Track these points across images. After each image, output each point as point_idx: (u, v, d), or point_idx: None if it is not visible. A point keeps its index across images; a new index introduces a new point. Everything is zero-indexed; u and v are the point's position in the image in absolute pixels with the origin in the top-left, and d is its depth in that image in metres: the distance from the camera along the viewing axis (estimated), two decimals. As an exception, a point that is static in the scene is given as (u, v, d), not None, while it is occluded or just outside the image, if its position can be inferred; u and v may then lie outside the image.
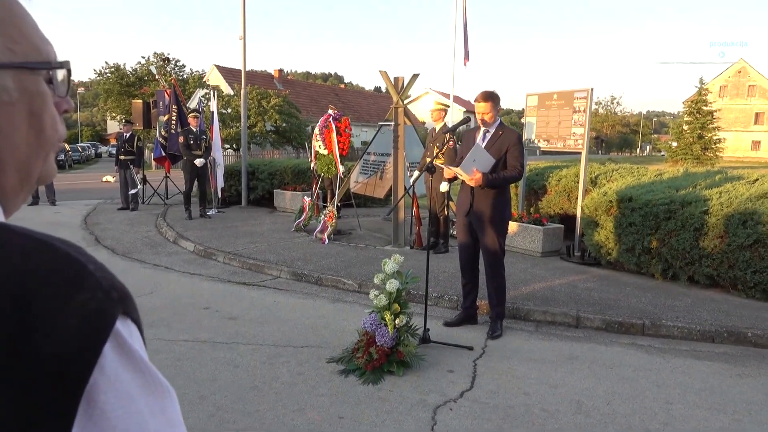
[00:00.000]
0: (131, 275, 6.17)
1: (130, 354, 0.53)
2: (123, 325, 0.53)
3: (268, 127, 28.25)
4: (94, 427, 0.50)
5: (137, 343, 0.55)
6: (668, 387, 3.57)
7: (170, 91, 10.81)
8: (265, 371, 3.68)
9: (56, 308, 0.49)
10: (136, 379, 0.54)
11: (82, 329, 0.49)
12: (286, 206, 10.32)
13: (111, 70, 37.61)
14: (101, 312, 0.51)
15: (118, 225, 9.44)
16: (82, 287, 0.51)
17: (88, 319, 0.50)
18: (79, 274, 0.52)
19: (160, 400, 0.57)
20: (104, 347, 0.50)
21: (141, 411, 0.54)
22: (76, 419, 0.49)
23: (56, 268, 0.51)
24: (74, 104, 44.08)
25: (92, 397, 0.49)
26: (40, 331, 0.47)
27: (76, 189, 16.66)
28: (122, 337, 0.52)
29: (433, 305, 5.22)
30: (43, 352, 0.47)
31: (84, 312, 0.50)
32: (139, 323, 0.59)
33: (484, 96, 4.30)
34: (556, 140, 7.52)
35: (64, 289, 0.50)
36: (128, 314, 0.54)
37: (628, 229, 6.03)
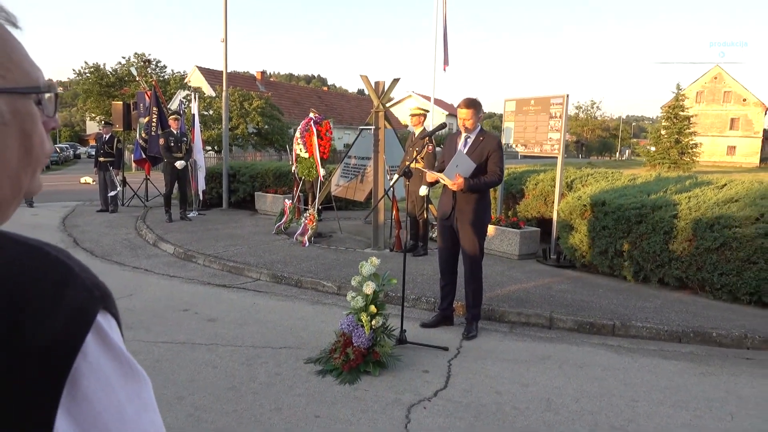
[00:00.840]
0: (110, 277, 6.16)
1: (110, 344, 0.61)
2: (104, 319, 0.61)
3: (250, 129, 28.16)
4: (78, 408, 0.58)
5: (116, 335, 0.63)
6: (635, 385, 3.70)
7: (151, 92, 10.77)
8: (244, 372, 3.73)
9: (46, 305, 0.57)
10: (115, 366, 0.61)
11: (68, 322, 0.57)
12: (268, 209, 10.34)
13: (91, 70, 37.17)
14: (85, 308, 0.59)
15: (97, 227, 9.38)
16: (69, 287, 0.59)
17: (73, 314, 0.57)
18: (67, 275, 0.60)
19: (136, 386, 0.65)
20: (87, 337, 0.58)
21: (119, 395, 0.61)
22: (62, 399, 0.56)
23: (47, 270, 0.59)
24: (53, 104, 43.95)
25: (76, 381, 0.57)
26: (32, 323, 0.55)
27: (55, 190, 16.45)
28: (103, 329, 0.60)
29: (411, 307, 5.31)
30: (34, 341, 0.55)
31: (70, 308, 0.58)
32: (118, 318, 0.66)
33: (466, 103, 4.43)
34: (533, 145, 7.67)
35: (53, 289, 0.58)
36: (108, 310, 0.62)
37: (601, 232, 6.19)
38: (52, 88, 0.69)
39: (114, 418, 0.60)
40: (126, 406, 0.62)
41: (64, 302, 0.57)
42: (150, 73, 12.07)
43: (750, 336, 4.50)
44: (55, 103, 0.70)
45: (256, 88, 36.33)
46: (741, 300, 5.35)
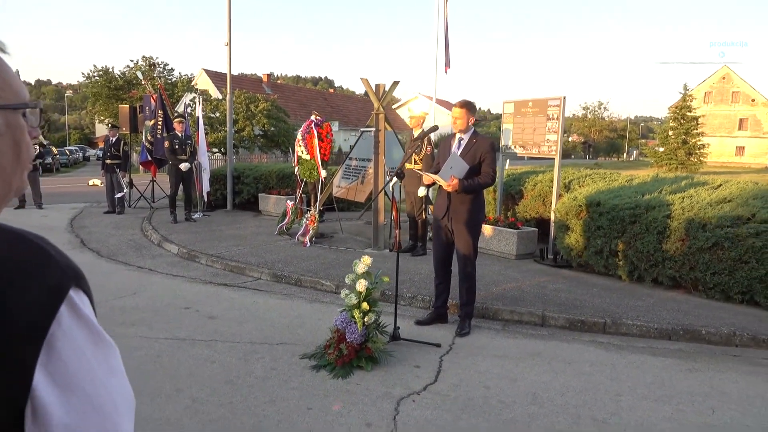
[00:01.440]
0: (116, 277, 6.32)
1: (81, 315, 0.73)
2: (76, 294, 0.73)
3: (256, 131, 28.36)
4: (54, 366, 0.70)
5: (88, 309, 0.76)
6: (621, 381, 3.80)
7: (156, 96, 10.96)
8: (241, 367, 3.86)
9: (27, 282, 0.70)
10: (86, 334, 0.74)
11: (45, 296, 0.70)
12: (271, 210, 10.49)
13: (99, 73, 37.60)
14: (59, 284, 0.72)
15: (104, 228, 9.56)
16: (46, 267, 0.72)
17: (49, 289, 0.70)
18: (44, 258, 0.73)
19: (105, 352, 0.78)
20: (61, 308, 0.70)
21: (89, 359, 0.74)
22: (40, 359, 0.69)
23: (28, 254, 0.72)
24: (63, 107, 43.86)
25: (52, 344, 0.70)
26: (15, 297, 0.68)
27: (64, 192, 16.71)
28: (75, 302, 0.73)
29: (407, 305, 5.43)
30: (16, 311, 0.68)
31: (47, 284, 0.70)
32: (91, 296, 0.79)
33: (460, 103, 4.58)
34: (531, 146, 7.77)
35: (33, 269, 0.71)
36: (81, 287, 0.75)
37: (596, 232, 6.28)
38: (37, 104, 0.82)
39: (85, 376, 0.73)
40: (96, 368, 0.75)
41: (42, 280, 0.70)
42: (156, 76, 12.22)
43: (739, 334, 4.58)
44: (39, 116, 0.83)
45: (262, 91, 36.61)
46: (733, 299, 5.42)
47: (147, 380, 3.62)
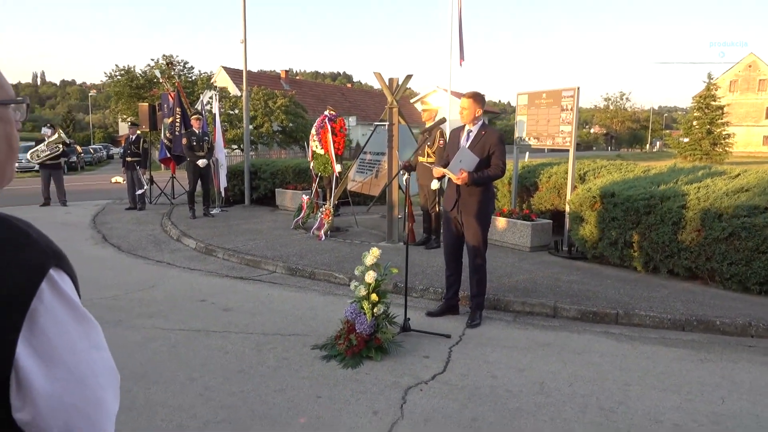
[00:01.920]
0: (135, 271, 6.48)
1: (62, 293, 0.79)
2: (56, 273, 0.79)
3: (274, 127, 28.59)
4: (37, 340, 0.76)
5: (69, 288, 0.81)
6: (630, 371, 3.79)
7: (174, 93, 11.14)
8: (253, 357, 3.95)
9: (10, 260, 0.75)
10: (67, 310, 0.80)
11: (26, 273, 0.76)
12: (287, 205, 10.61)
13: (121, 72, 38.20)
14: (40, 263, 0.78)
15: (125, 224, 9.78)
16: (27, 248, 0.78)
17: (30, 268, 0.76)
18: (25, 239, 0.78)
19: (86, 328, 0.83)
20: (41, 285, 0.76)
21: (70, 333, 0.80)
22: (23, 332, 0.74)
23: (10, 235, 0.78)
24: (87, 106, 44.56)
25: (34, 318, 0.76)
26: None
27: (87, 190, 17.08)
28: (56, 281, 0.78)
29: (419, 297, 5.47)
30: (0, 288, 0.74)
31: (28, 264, 0.76)
32: (73, 276, 0.85)
33: (468, 94, 4.61)
34: (546, 138, 7.72)
35: (14, 249, 0.77)
36: (62, 268, 0.81)
37: (611, 223, 6.23)
38: (24, 99, 0.89)
39: (66, 349, 0.79)
40: (77, 342, 0.80)
41: (23, 259, 0.76)
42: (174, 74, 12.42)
43: (754, 324, 4.52)
44: (25, 111, 0.90)
45: (280, 87, 36.84)
46: (751, 290, 5.34)
47: (162, 369, 3.72)
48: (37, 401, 0.75)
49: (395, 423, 3.05)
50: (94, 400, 0.82)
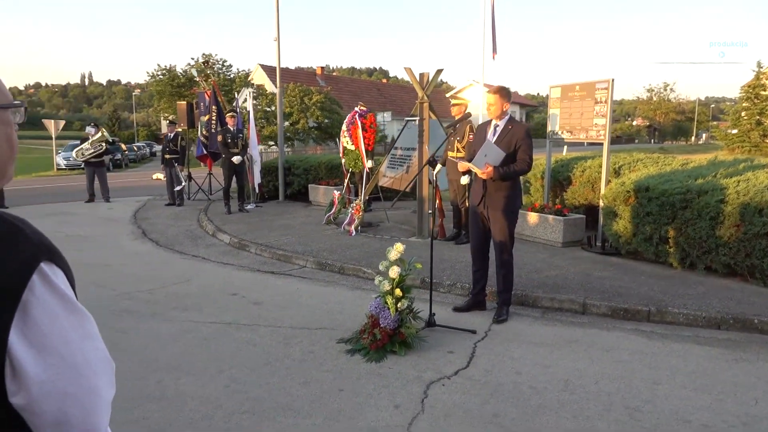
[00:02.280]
0: (171, 265, 6.68)
1: (54, 285, 0.84)
2: (48, 267, 0.84)
3: (310, 123, 28.88)
4: (29, 330, 0.82)
5: (61, 281, 0.87)
6: (660, 369, 3.71)
7: (210, 92, 11.39)
8: (280, 350, 4.04)
9: (3, 255, 0.81)
10: (58, 302, 0.85)
11: (18, 267, 0.81)
12: (320, 200, 10.72)
13: (163, 72, 39.26)
14: (30, 257, 0.83)
15: (164, 220, 10.08)
16: (20, 243, 0.83)
17: (22, 261, 0.82)
18: (18, 235, 0.84)
19: (78, 319, 0.89)
20: (33, 277, 0.81)
21: (62, 323, 0.85)
22: (15, 322, 0.80)
23: (4, 231, 0.83)
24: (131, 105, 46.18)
25: (26, 309, 0.81)
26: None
27: (130, 186, 17.67)
28: (47, 274, 0.84)
29: (446, 292, 5.48)
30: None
31: (20, 258, 0.82)
32: (67, 271, 0.90)
33: (493, 89, 4.55)
34: (579, 131, 7.57)
35: (8, 244, 0.83)
36: (54, 262, 0.86)
37: (645, 218, 6.07)
38: (22, 103, 0.95)
39: (59, 338, 0.84)
40: (69, 332, 0.86)
41: (16, 254, 0.82)
42: (209, 72, 12.70)
43: (795, 323, 4.35)
44: (24, 114, 0.96)
45: (316, 83, 37.16)
46: (794, 287, 5.13)
47: (193, 361, 3.84)
48: (30, 387, 0.81)
49: (416, 417, 3.08)
50: (87, 387, 0.88)
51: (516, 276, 5.55)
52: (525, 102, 63.15)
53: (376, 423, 3.02)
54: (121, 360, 3.84)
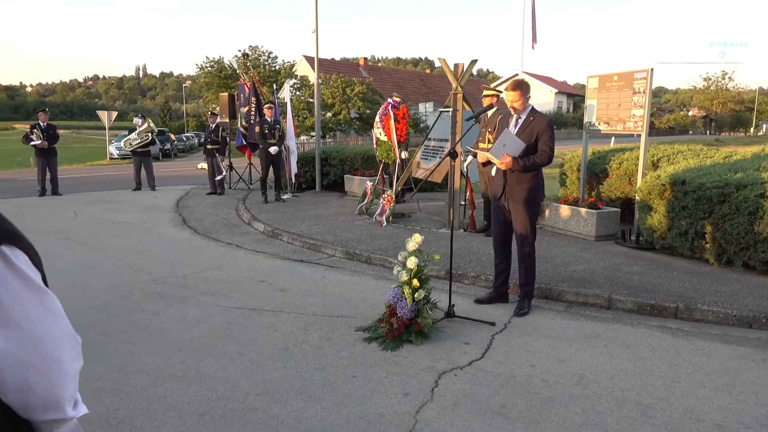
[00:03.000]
0: (206, 252, 6.92)
1: (14, 266, 0.93)
2: (9, 249, 0.93)
3: (352, 114, 29.05)
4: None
5: (23, 262, 0.95)
6: (680, 367, 3.62)
7: (250, 84, 11.63)
8: (300, 335, 4.15)
9: None
10: (20, 282, 0.94)
11: None
12: (355, 191, 10.83)
13: (211, 64, 40.15)
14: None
15: (204, 208, 10.41)
16: None
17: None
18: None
19: (41, 297, 0.97)
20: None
21: (23, 300, 0.94)
22: None
23: None
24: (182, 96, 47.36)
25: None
26: None
27: (176, 175, 18.29)
28: (7, 255, 0.92)
29: (470, 284, 5.48)
30: None
31: None
32: (30, 253, 0.98)
33: (512, 85, 4.49)
34: (616, 123, 7.38)
35: None
36: (14, 244, 0.94)
37: (681, 213, 5.89)
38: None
39: (21, 314, 0.93)
40: (30, 308, 0.94)
41: None
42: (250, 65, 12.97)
43: (833, 324, 4.15)
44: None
45: (359, 74, 37.30)
46: (838, 287, 4.89)
47: (216, 343, 4.00)
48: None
49: (423, 405, 3.12)
50: (49, 359, 0.96)
51: (542, 269, 5.52)
52: (573, 92, 61.50)
53: (384, 409, 3.08)
54: (148, 340, 4.05)
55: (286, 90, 11.67)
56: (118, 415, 3.00)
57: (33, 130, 11.68)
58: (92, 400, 3.15)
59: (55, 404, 0.99)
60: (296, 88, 28.88)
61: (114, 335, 4.15)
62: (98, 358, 3.73)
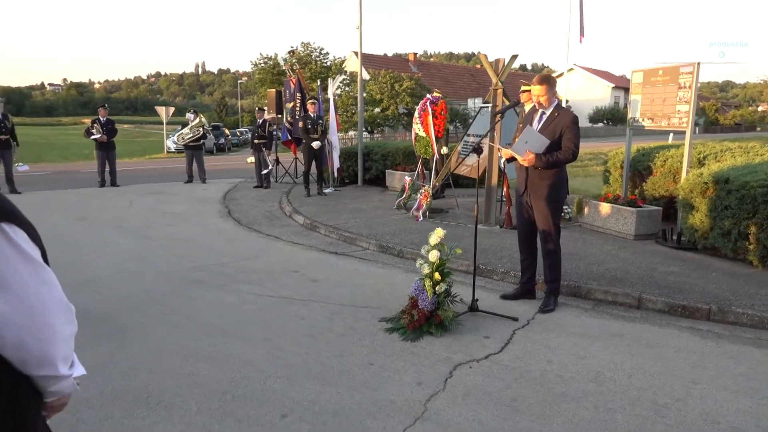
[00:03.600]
0: (246, 242, 7.20)
1: (12, 240, 1.09)
2: (8, 226, 1.08)
3: (400, 109, 29.13)
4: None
5: (21, 238, 1.10)
6: (704, 369, 3.55)
7: (295, 80, 11.92)
8: (324, 324, 4.30)
9: None
10: (17, 254, 1.09)
11: None
12: (396, 186, 10.92)
13: (265, 60, 41.15)
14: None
15: (249, 201, 10.78)
16: None
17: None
18: None
19: (36, 269, 1.12)
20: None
21: (20, 270, 1.09)
22: None
23: None
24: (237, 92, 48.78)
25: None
26: None
27: (227, 169, 18.92)
28: (6, 231, 1.08)
29: (499, 280, 5.50)
30: None
31: None
32: (29, 231, 1.14)
33: (539, 79, 4.47)
34: (661, 118, 7.17)
35: None
36: (13, 222, 1.10)
37: (723, 212, 5.69)
38: None
39: (17, 281, 1.08)
40: (26, 278, 1.10)
41: None
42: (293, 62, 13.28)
43: None
44: None
45: (408, 70, 37.31)
46: None
47: (246, 329, 4.20)
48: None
49: (435, 395, 3.20)
50: (42, 322, 1.12)
51: (574, 266, 5.48)
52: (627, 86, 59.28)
53: (396, 396, 3.18)
54: (184, 323, 4.30)
55: (330, 86, 11.87)
56: (148, 390, 3.23)
57: (93, 125, 12.38)
58: (127, 375, 3.41)
59: (48, 362, 1.15)
60: (345, 83, 29.21)
61: (154, 317, 4.43)
62: (137, 337, 4.01)
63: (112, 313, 4.52)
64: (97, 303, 4.76)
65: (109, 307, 4.65)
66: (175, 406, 3.06)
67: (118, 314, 4.50)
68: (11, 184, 11.23)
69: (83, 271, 5.71)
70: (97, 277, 5.49)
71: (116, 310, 4.60)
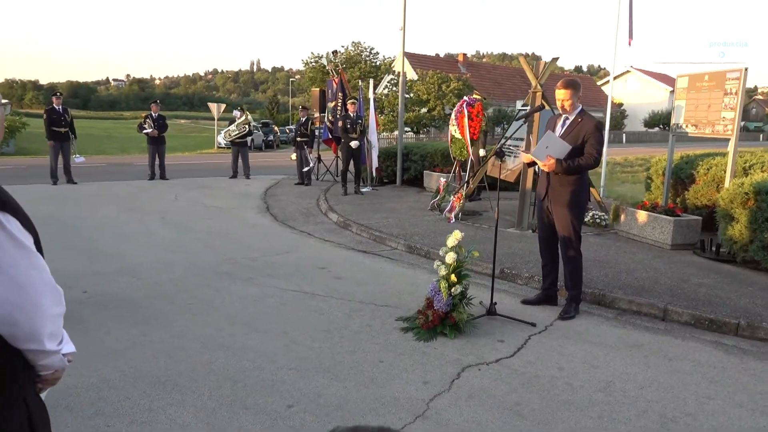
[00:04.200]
0: (280, 238, 7.40)
1: (5, 228, 1.21)
2: (2, 215, 1.21)
3: (447, 110, 29.02)
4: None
5: (14, 226, 1.23)
6: (721, 385, 3.44)
7: (337, 79, 12.11)
8: (341, 320, 4.40)
9: None
10: (9, 240, 1.22)
11: None
12: (433, 187, 10.92)
13: (315, 59, 41.84)
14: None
15: (289, 197, 11.03)
16: None
17: None
18: None
19: (27, 254, 1.25)
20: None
21: (12, 254, 1.22)
22: None
23: None
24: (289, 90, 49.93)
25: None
26: None
27: (272, 165, 19.35)
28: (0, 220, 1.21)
29: (524, 284, 5.47)
30: None
31: None
32: (23, 220, 1.27)
33: (564, 83, 4.42)
34: (705, 125, 6.92)
35: None
36: (7, 211, 1.22)
37: (765, 224, 5.46)
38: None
39: (9, 264, 1.21)
40: (19, 261, 1.23)
41: None
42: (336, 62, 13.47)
43: None
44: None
45: (457, 70, 37.09)
46: None
47: (265, 321, 4.35)
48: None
49: (439, 394, 3.24)
50: (32, 301, 1.25)
51: (601, 274, 5.39)
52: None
53: (400, 394, 3.24)
54: (207, 313, 4.49)
55: (370, 87, 11.99)
56: (166, 374, 3.41)
57: (146, 120, 12.95)
58: (150, 359, 3.60)
59: (36, 338, 1.28)
60: (393, 83, 29.34)
61: (180, 306, 4.65)
62: (162, 324, 4.22)
63: (143, 300, 4.77)
64: (132, 290, 5.02)
65: (142, 294, 4.90)
66: (189, 390, 3.22)
67: (148, 301, 4.74)
68: (69, 174, 11.87)
69: (124, 259, 6.02)
70: (135, 265, 5.78)
71: (147, 297, 4.85)
